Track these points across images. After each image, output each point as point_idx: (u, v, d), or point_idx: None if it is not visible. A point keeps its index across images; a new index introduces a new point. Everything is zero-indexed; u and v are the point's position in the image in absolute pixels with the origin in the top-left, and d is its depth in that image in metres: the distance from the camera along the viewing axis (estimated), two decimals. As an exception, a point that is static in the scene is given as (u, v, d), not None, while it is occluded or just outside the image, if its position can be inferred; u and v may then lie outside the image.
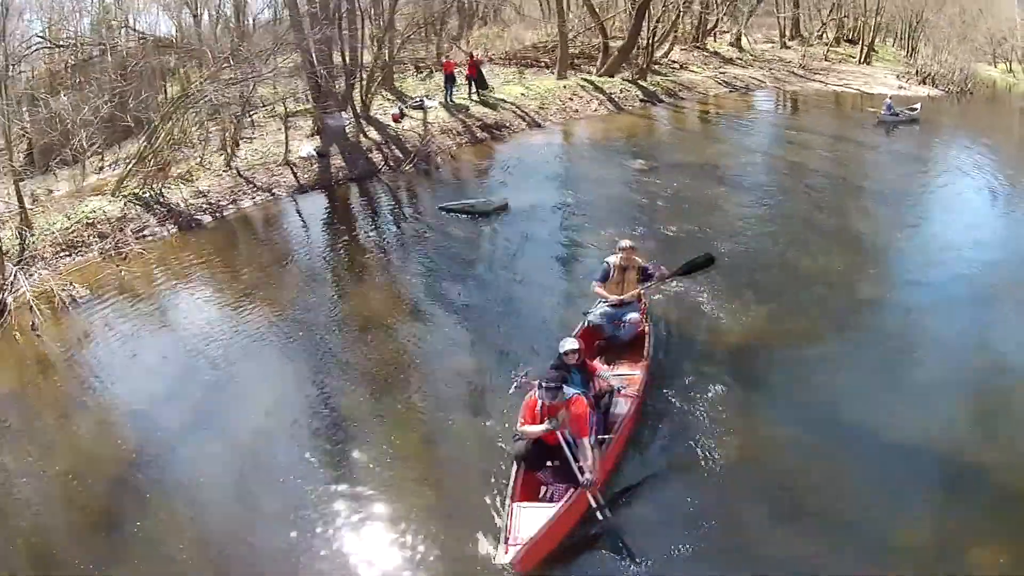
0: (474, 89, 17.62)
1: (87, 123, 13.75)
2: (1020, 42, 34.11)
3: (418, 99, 16.77)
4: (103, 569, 4.60)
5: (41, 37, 18.56)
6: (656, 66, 23.78)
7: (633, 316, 6.65)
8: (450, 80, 16.87)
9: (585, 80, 20.37)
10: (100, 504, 5.21)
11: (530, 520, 4.47)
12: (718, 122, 19.78)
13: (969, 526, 4.83)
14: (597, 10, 22.87)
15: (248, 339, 7.36)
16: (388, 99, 18.11)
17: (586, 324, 6.72)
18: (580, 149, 15.84)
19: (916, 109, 19.76)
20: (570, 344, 5.50)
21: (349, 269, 9.42)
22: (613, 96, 19.69)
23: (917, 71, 29.35)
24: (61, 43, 18.96)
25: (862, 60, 31.12)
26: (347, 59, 15.59)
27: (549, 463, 4.98)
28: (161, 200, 11.36)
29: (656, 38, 23.18)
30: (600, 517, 4.67)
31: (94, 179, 14.36)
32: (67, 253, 10.03)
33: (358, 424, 5.96)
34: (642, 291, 6.83)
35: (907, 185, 13.30)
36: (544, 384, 4.81)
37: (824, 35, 34.32)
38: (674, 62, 25.64)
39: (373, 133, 14.61)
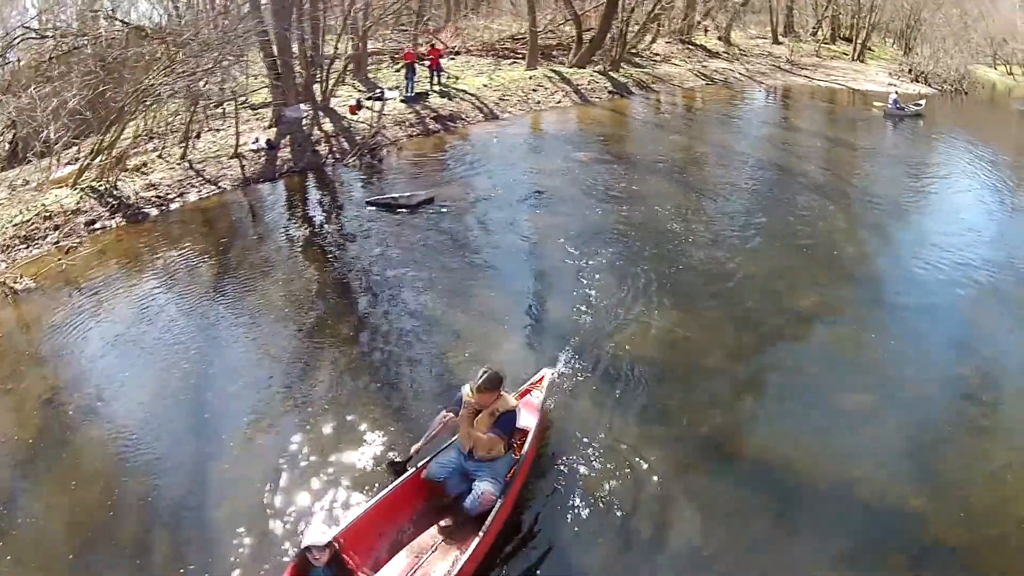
0: (436, 80, 17.95)
1: (56, 116, 14.36)
2: (1021, 45, 33.69)
3: (379, 90, 17.16)
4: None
5: (26, 27, 19.08)
6: (636, 58, 23.87)
7: (485, 488, 4.60)
8: (411, 71, 17.11)
9: (553, 71, 20.52)
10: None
11: None
12: (684, 115, 19.78)
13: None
14: (573, 0, 22.98)
15: (158, 325, 7.76)
16: (360, 89, 18.52)
17: (416, 469, 4.87)
18: (529, 141, 15.84)
19: (921, 105, 20.34)
20: (314, 537, 3.95)
21: (261, 264, 9.47)
22: (580, 88, 19.81)
23: (910, 69, 29.28)
24: (45, 33, 19.49)
25: (855, 57, 31.02)
26: (308, 50, 15.96)
27: None
28: (114, 192, 11.73)
29: (632, 29, 23.24)
30: None
31: (68, 170, 15.01)
32: (24, 245, 10.39)
33: (220, 415, 6.25)
34: (512, 463, 4.87)
35: (876, 182, 13.08)
36: None
37: (819, 32, 34.17)
38: (656, 54, 25.70)
39: (328, 125, 14.87)
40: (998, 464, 5.46)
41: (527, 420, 5.30)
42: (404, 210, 10.96)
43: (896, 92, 21.11)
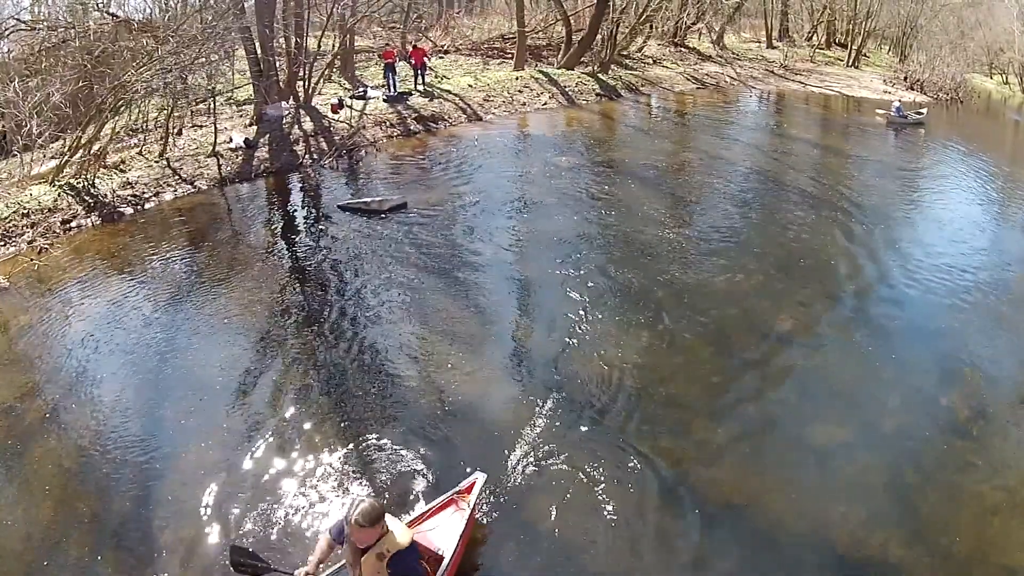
0: (420, 79, 17.93)
1: (39, 110, 14.39)
2: (1018, 55, 33.69)
3: (362, 89, 17.14)
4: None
5: (17, 18, 19.06)
6: (627, 60, 23.84)
7: None
8: (390, 69, 17.00)
9: (540, 72, 20.46)
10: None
11: None
12: (673, 119, 19.61)
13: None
14: (563, 0, 22.95)
15: (126, 330, 7.83)
16: (346, 87, 18.54)
17: None
18: (512, 144, 15.64)
19: (922, 113, 20.46)
20: None
21: (229, 269, 9.41)
22: (567, 89, 19.76)
23: (905, 76, 29.31)
24: (36, 25, 19.44)
25: (850, 63, 31.01)
26: (292, 47, 15.94)
27: None
28: (92, 190, 11.77)
29: (623, 31, 23.19)
30: None
31: (52, 164, 15.05)
32: (0, 243, 10.43)
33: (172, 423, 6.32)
34: None
35: (870, 194, 12.87)
36: None
37: (814, 37, 34.15)
38: (647, 57, 25.68)
39: (308, 124, 14.82)
40: (984, 506, 5.14)
41: (444, 542, 4.45)
42: (377, 215, 10.87)
43: (899, 100, 21.23)
